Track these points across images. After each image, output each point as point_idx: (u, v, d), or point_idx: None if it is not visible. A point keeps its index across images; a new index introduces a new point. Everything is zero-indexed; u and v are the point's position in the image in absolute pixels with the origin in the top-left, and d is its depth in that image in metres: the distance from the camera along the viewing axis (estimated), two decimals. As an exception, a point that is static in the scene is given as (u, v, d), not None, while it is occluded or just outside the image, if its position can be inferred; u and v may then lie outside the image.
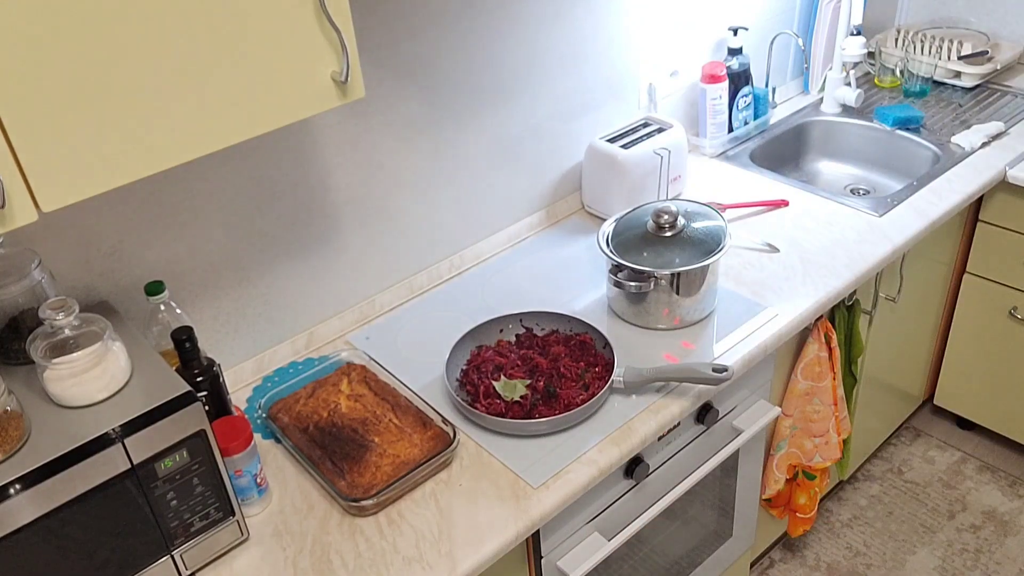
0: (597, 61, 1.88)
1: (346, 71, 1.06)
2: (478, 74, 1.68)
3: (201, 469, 1.14)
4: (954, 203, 1.89)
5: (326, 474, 1.31)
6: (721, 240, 1.57)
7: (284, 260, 1.55)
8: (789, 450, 1.84)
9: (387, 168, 1.62)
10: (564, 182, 1.95)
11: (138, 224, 1.34)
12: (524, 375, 1.46)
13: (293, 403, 1.45)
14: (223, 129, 1.01)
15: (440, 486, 1.32)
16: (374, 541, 1.24)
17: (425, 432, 1.37)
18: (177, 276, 1.41)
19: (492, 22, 1.65)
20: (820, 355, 1.74)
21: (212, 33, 0.96)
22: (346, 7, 1.04)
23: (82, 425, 1.06)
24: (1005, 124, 2.11)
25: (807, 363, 1.74)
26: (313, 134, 1.49)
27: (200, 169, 1.37)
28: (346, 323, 1.67)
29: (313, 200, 1.54)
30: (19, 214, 0.89)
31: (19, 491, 0.98)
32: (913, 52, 2.33)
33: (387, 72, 1.54)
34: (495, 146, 1.78)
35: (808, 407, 1.81)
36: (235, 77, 0.99)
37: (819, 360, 1.74)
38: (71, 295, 1.16)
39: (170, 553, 1.16)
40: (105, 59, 0.89)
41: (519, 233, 1.91)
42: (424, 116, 1.63)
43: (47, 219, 0.95)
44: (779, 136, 2.24)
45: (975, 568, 2.18)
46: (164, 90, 0.94)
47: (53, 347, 1.08)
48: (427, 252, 1.77)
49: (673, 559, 1.69)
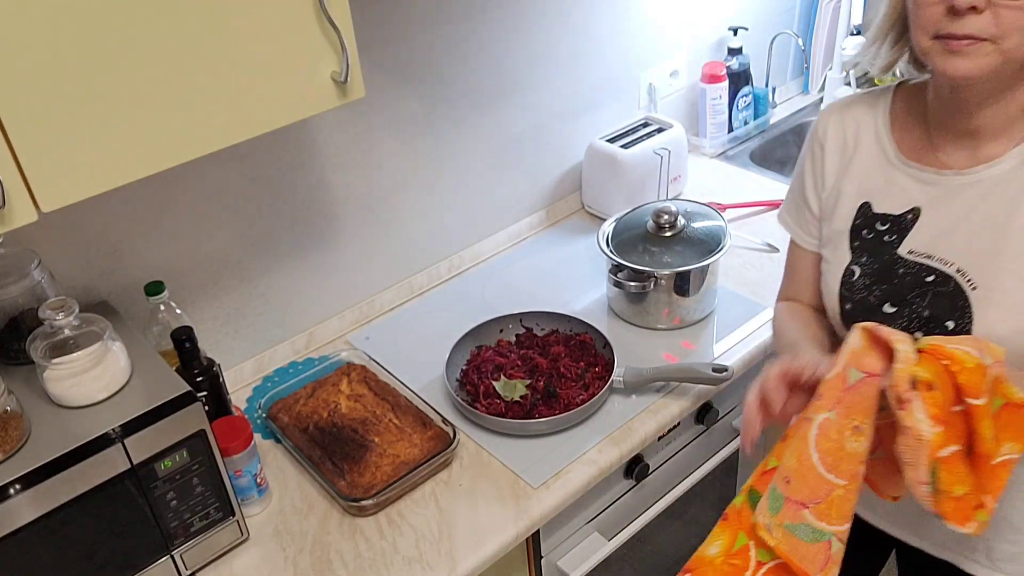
0: (597, 61, 1.88)
1: (346, 71, 1.06)
2: (478, 74, 1.68)
3: (201, 469, 1.14)
4: (954, 203, 1.88)
5: (326, 474, 1.31)
6: (721, 240, 1.57)
7: (284, 260, 1.55)
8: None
9: (387, 168, 1.62)
10: (564, 182, 1.95)
11: (138, 224, 1.34)
12: (524, 375, 1.46)
13: (293, 403, 1.45)
14: (223, 129, 1.01)
15: (440, 486, 1.32)
16: (374, 541, 1.24)
17: (425, 432, 1.37)
18: (177, 276, 1.41)
19: (493, 22, 1.65)
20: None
21: (212, 33, 0.95)
22: (346, 7, 1.04)
23: (82, 425, 1.06)
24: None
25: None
26: (313, 134, 1.49)
27: (200, 169, 1.37)
28: (346, 323, 1.67)
29: (313, 200, 1.54)
30: (19, 214, 0.89)
31: (19, 491, 0.98)
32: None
33: (387, 72, 1.54)
34: (495, 146, 1.78)
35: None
36: (235, 77, 0.99)
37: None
38: (71, 295, 1.15)
39: (170, 553, 1.16)
40: (105, 59, 0.89)
41: (519, 233, 1.91)
42: (424, 116, 1.63)
43: (47, 219, 0.95)
44: (779, 136, 2.24)
45: (975, 568, 2.17)
46: (164, 90, 0.94)
47: (53, 347, 1.08)
48: (427, 252, 1.77)
49: (673, 559, 1.69)
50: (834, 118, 1.19)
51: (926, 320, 1.07)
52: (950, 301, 1.04)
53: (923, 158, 1.09)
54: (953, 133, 1.05)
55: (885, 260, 1.10)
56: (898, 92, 1.16)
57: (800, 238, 1.25)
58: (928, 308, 1.06)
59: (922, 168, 1.08)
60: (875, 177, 1.13)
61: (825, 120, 1.19)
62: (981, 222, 1.03)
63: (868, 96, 1.18)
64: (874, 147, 1.14)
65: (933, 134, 1.08)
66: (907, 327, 1.08)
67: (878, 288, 1.11)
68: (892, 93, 1.16)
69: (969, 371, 0.90)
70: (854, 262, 1.14)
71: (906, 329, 1.07)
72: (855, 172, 1.15)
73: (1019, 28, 0.90)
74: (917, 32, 0.97)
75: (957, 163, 1.06)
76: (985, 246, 1.03)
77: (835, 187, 1.17)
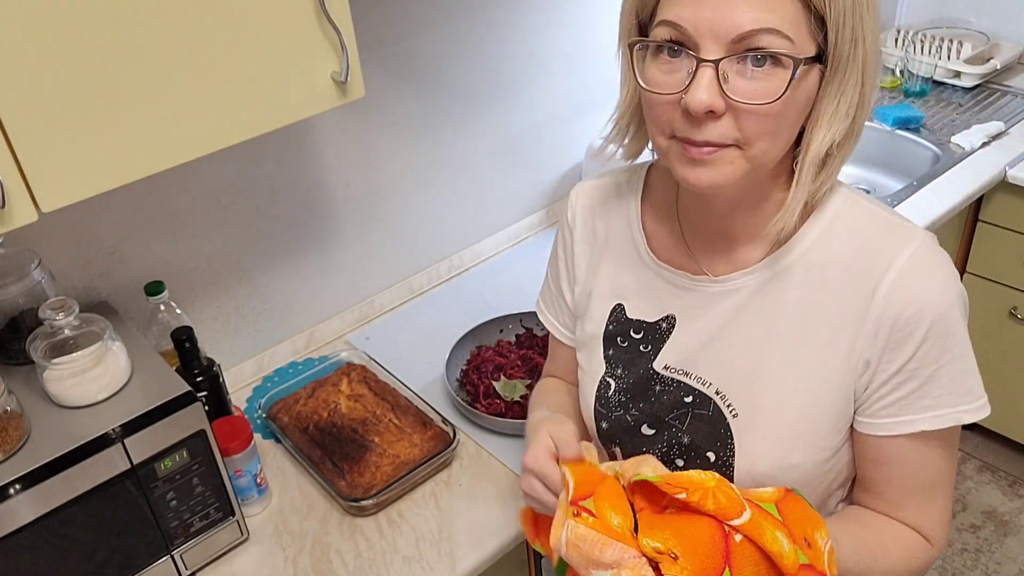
0: (597, 61, 1.88)
1: (346, 71, 1.06)
2: (478, 74, 1.68)
3: (201, 469, 1.14)
4: (954, 203, 1.89)
5: (326, 474, 1.31)
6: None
7: (284, 260, 1.55)
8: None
9: (387, 168, 1.62)
10: (564, 182, 1.95)
11: (138, 224, 1.34)
12: (524, 375, 1.46)
13: (293, 403, 1.45)
14: (223, 129, 1.01)
15: (440, 486, 1.32)
16: (374, 541, 1.24)
17: (425, 432, 1.37)
18: (177, 276, 1.41)
19: (492, 22, 1.65)
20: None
21: (212, 33, 0.95)
22: (346, 7, 1.04)
23: (82, 425, 1.06)
24: (1005, 124, 2.11)
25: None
26: (313, 134, 1.49)
27: (200, 169, 1.37)
28: (346, 323, 1.67)
29: (313, 200, 1.54)
30: (19, 214, 0.89)
31: (19, 491, 0.98)
32: (913, 52, 2.33)
33: (387, 72, 1.54)
34: (495, 146, 1.78)
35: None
36: (235, 77, 0.99)
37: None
38: (71, 295, 1.15)
39: (170, 553, 1.16)
40: (105, 59, 0.89)
41: (519, 233, 1.91)
42: (424, 116, 1.63)
43: (47, 219, 0.95)
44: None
45: (975, 568, 2.18)
46: (164, 90, 0.94)
47: (53, 347, 1.08)
48: (427, 252, 1.77)
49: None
50: (583, 200, 1.03)
51: (687, 448, 0.94)
52: (710, 427, 0.92)
53: (676, 259, 0.95)
54: (705, 234, 0.92)
55: (641, 375, 0.97)
56: (651, 174, 1.01)
57: (559, 332, 1.11)
58: (688, 434, 0.94)
59: (675, 272, 0.94)
60: (628, 276, 0.99)
61: (574, 203, 1.04)
62: (739, 337, 0.91)
63: (622, 175, 1.02)
64: (627, 239, 0.99)
65: (686, 232, 0.95)
66: (667, 453, 0.96)
67: (635, 407, 0.98)
68: (645, 175, 1.01)
69: (715, 491, 0.80)
70: (609, 374, 1.00)
71: (666, 456, 0.96)
72: (607, 268, 1.00)
73: (764, 133, 0.78)
74: (652, 129, 0.84)
75: (712, 267, 0.92)
76: (744, 366, 0.90)
77: (587, 283, 1.03)
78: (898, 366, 0.85)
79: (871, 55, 0.79)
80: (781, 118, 0.78)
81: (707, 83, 0.75)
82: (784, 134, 0.80)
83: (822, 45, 0.77)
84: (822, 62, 0.78)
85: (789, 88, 0.75)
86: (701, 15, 0.75)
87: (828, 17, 0.75)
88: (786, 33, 0.74)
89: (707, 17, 0.74)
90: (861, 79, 0.79)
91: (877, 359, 0.85)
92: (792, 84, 0.75)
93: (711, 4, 0.74)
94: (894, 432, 0.87)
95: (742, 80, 0.76)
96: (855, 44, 0.77)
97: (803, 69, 0.76)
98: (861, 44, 0.77)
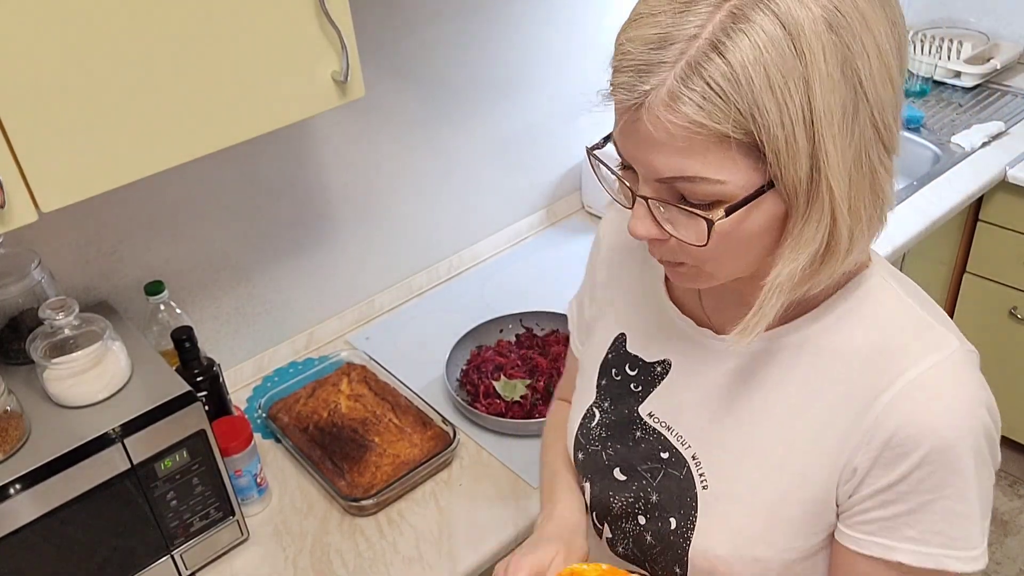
0: (597, 60, 1.88)
1: (346, 71, 1.06)
2: (478, 74, 1.68)
3: (201, 469, 1.14)
4: (954, 203, 1.89)
5: (326, 474, 1.31)
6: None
7: (284, 260, 1.55)
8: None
9: (387, 168, 1.62)
10: (564, 182, 1.95)
11: (138, 224, 1.34)
12: (524, 375, 1.46)
13: (293, 403, 1.45)
14: (223, 129, 1.01)
15: (440, 486, 1.32)
16: (374, 541, 1.24)
17: (425, 432, 1.37)
18: (177, 276, 1.41)
19: (493, 22, 1.65)
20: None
21: (212, 33, 0.95)
22: (346, 7, 1.04)
23: (82, 425, 1.06)
24: (1005, 124, 2.11)
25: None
26: (313, 134, 1.49)
27: (200, 169, 1.37)
28: (346, 323, 1.67)
29: (313, 200, 1.54)
30: (19, 214, 0.89)
31: (19, 491, 0.98)
32: (913, 52, 2.33)
33: (387, 72, 1.54)
34: (495, 146, 1.78)
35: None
36: (235, 77, 0.99)
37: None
38: (71, 295, 1.15)
39: (170, 553, 1.16)
40: (105, 59, 0.89)
41: (519, 233, 1.91)
42: (424, 115, 1.63)
43: (47, 219, 0.95)
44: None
45: (975, 568, 2.18)
46: (163, 90, 0.94)
47: (53, 347, 1.08)
48: (427, 252, 1.77)
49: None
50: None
51: (652, 506, 0.88)
52: (679, 491, 0.85)
53: (688, 302, 0.88)
54: (719, 290, 0.82)
55: (625, 415, 0.91)
56: None
57: (574, 340, 1.06)
58: (657, 492, 0.87)
59: (681, 315, 0.88)
60: (638, 308, 0.93)
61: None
62: (727, 405, 0.83)
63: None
64: (645, 270, 0.94)
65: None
66: (632, 504, 0.90)
67: (612, 447, 0.92)
68: None
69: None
70: (597, 404, 0.95)
71: (631, 507, 0.90)
72: (621, 295, 0.96)
73: (710, 259, 0.72)
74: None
75: (718, 320, 0.85)
76: (726, 439, 0.83)
77: (601, 303, 0.99)
78: (886, 483, 0.75)
79: (842, 187, 0.66)
80: (726, 248, 0.71)
81: (643, 215, 0.72)
82: (741, 258, 0.73)
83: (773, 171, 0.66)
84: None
85: (730, 223, 0.68)
86: (629, 152, 0.70)
87: (765, 151, 0.64)
88: (711, 177, 0.66)
89: (633, 155, 0.70)
90: (831, 214, 0.67)
91: (866, 470, 0.75)
92: (737, 217, 0.68)
93: (635, 143, 0.69)
94: (870, 552, 0.77)
95: (675, 217, 0.71)
96: (813, 177, 0.65)
97: (753, 203, 0.67)
98: (823, 176, 0.65)
